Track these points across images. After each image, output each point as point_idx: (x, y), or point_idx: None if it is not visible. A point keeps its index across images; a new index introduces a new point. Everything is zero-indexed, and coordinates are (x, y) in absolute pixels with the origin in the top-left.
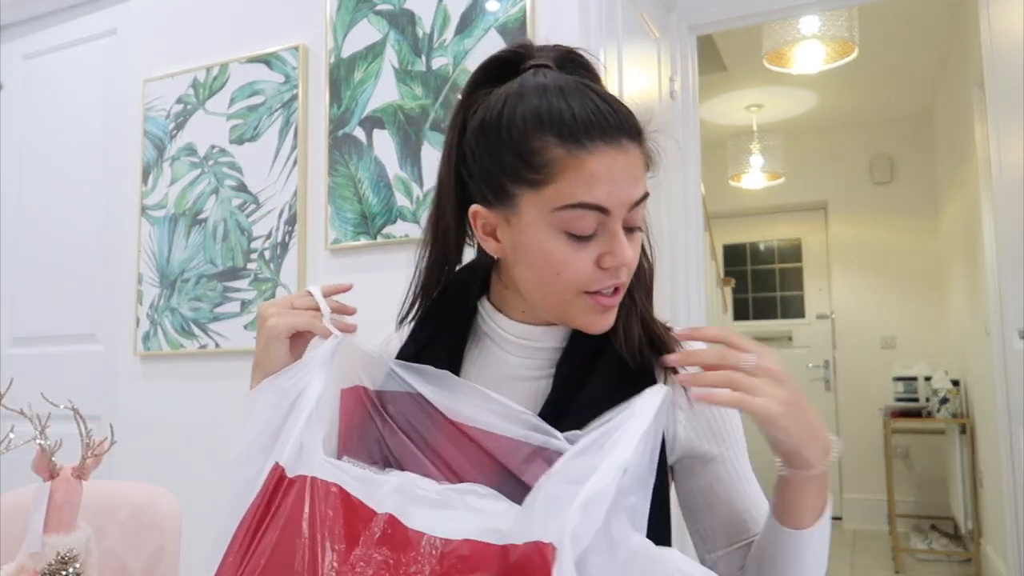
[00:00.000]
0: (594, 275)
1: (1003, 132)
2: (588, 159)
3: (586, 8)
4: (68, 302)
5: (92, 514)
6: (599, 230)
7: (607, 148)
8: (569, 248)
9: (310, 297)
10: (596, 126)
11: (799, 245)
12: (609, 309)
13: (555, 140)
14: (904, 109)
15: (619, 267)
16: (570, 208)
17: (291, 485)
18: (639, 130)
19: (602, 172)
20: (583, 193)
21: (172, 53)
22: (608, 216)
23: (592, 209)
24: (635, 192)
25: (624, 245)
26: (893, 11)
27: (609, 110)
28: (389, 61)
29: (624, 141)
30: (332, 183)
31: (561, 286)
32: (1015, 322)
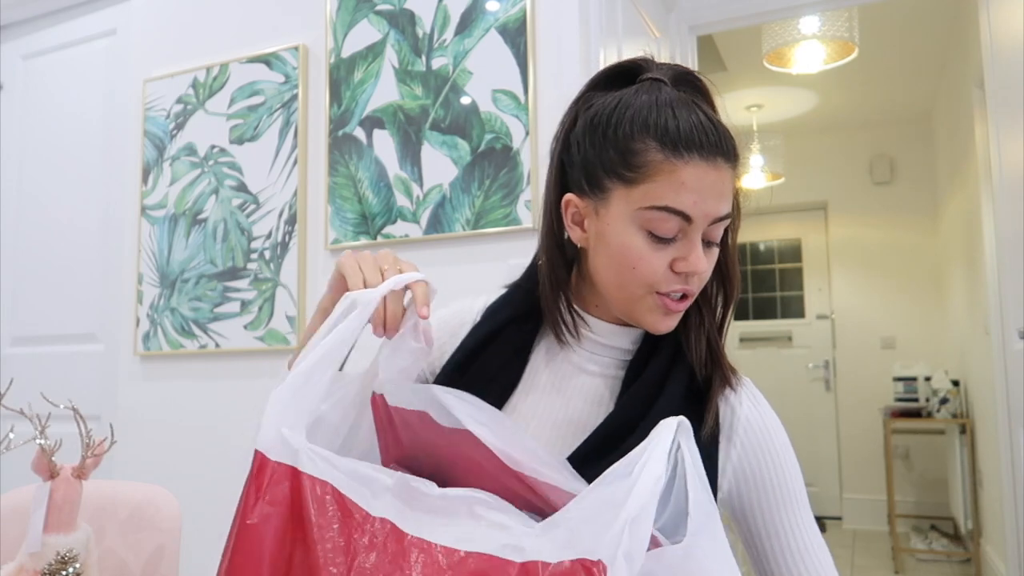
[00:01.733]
0: (666, 276)
1: (1003, 132)
2: (683, 168)
3: (586, 8)
4: (68, 302)
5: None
6: (679, 236)
7: (701, 162)
8: (648, 246)
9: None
10: (695, 140)
11: (799, 245)
12: (673, 313)
13: (656, 145)
14: (904, 109)
15: (691, 273)
16: (656, 209)
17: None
18: (736, 154)
19: (692, 182)
20: (671, 198)
21: (172, 53)
22: (690, 224)
23: (676, 214)
24: (720, 208)
25: (699, 254)
26: (893, 11)
27: (711, 128)
28: (389, 61)
29: (719, 160)
30: (332, 183)
31: (634, 281)
32: (1015, 322)
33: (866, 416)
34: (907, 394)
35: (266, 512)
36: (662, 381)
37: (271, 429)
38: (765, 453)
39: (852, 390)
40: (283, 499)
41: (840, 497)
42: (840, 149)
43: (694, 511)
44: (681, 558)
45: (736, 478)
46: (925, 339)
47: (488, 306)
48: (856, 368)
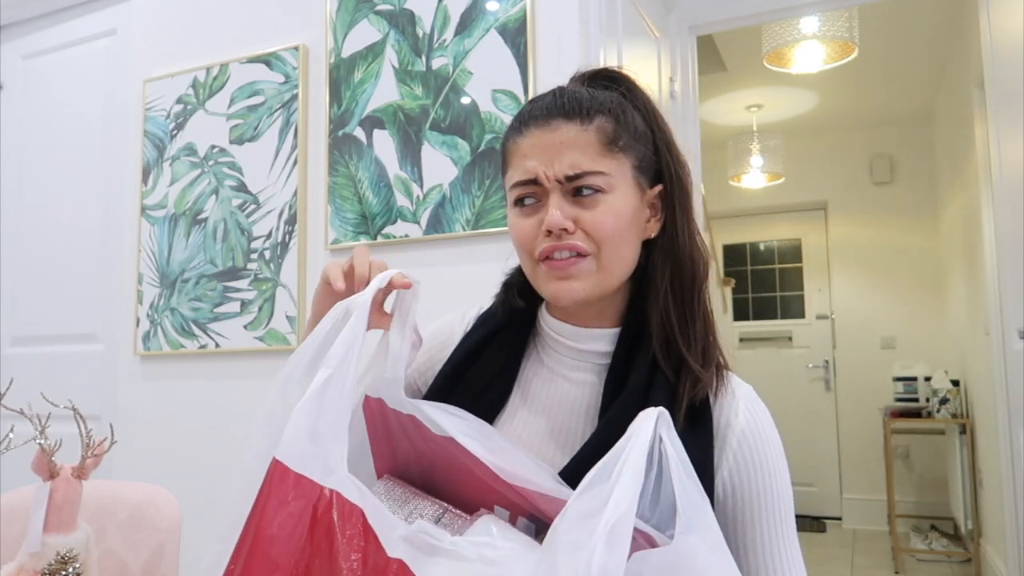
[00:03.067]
0: (537, 239)
1: (1003, 132)
2: (523, 142)
3: (586, 8)
4: (68, 302)
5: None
6: (543, 201)
7: (537, 130)
8: (519, 218)
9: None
10: (532, 115)
11: (799, 245)
12: (566, 274)
13: (510, 135)
14: (904, 109)
15: (550, 229)
16: (513, 187)
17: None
18: (580, 109)
19: (530, 150)
20: (518, 173)
21: (172, 53)
22: (540, 187)
23: (523, 185)
24: (565, 163)
25: (551, 208)
26: (893, 11)
27: (552, 99)
28: (389, 61)
29: (554, 121)
30: (332, 183)
31: (522, 254)
32: (1015, 322)
33: (866, 416)
34: (907, 394)
35: (287, 523)
36: (645, 389)
37: (295, 442)
38: (758, 468)
39: (852, 390)
40: (306, 513)
41: (840, 497)
42: (840, 149)
43: (682, 507)
44: (670, 558)
45: (725, 489)
46: (925, 339)
47: (482, 313)
48: (856, 368)
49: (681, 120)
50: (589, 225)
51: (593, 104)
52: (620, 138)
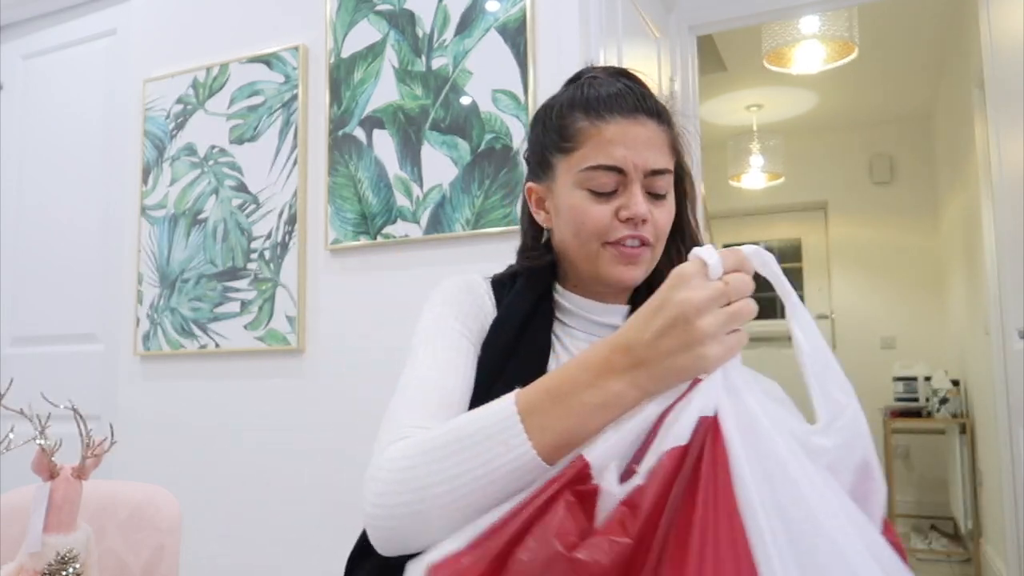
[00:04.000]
0: (613, 225)
1: (1003, 132)
2: (606, 128)
3: (586, 8)
4: (68, 302)
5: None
6: (619, 189)
7: (623, 120)
8: (591, 202)
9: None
10: (615, 103)
11: (799, 245)
12: (633, 261)
13: (582, 115)
14: (904, 109)
15: (635, 219)
16: (591, 169)
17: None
18: (661, 113)
19: (618, 138)
20: (602, 156)
21: (172, 53)
22: (624, 176)
23: (609, 170)
24: (650, 158)
25: (638, 199)
26: (893, 11)
27: (629, 92)
28: (389, 61)
29: (641, 116)
30: (332, 183)
31: (586, 236)
32: (1015, 322)
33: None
34: (907, 394)
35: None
36: None
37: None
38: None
39: None
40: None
41: None
42: (840, 149)
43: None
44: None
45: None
46: (925, 339)
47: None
48: (856, 368)
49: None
50: (659, 220)
51: (665, 111)
52: (677, 143)
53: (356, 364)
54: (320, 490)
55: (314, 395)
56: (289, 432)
